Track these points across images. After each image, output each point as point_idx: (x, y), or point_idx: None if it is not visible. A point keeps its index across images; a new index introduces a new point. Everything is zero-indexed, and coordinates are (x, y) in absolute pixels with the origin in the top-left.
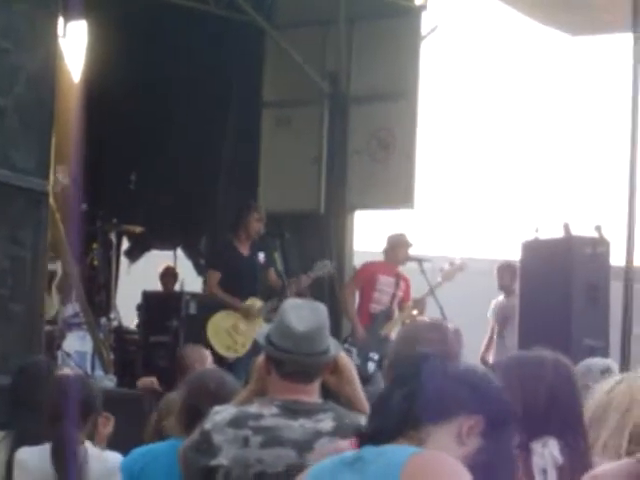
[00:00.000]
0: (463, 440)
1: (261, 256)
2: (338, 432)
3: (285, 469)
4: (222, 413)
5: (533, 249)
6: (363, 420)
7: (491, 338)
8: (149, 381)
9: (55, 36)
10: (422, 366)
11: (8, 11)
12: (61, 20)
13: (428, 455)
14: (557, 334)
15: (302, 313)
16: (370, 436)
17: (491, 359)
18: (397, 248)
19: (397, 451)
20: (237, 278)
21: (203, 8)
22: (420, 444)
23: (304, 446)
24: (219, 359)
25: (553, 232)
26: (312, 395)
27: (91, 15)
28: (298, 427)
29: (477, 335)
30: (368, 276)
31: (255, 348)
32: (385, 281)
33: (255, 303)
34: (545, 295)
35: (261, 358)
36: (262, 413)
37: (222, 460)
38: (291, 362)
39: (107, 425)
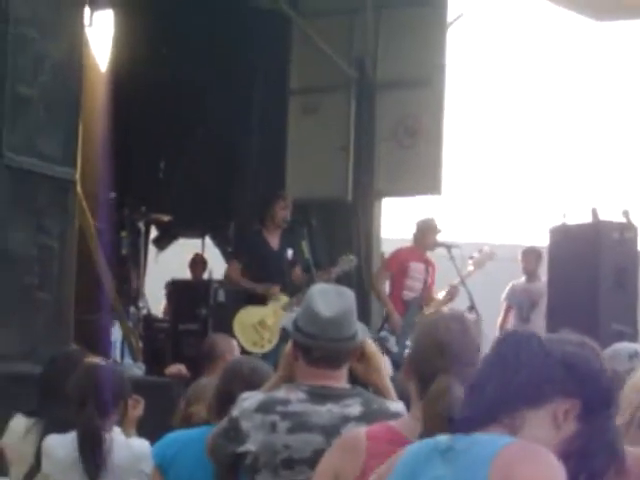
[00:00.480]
0: (559, 424)
1: (289, 252)
2: (366, 417)
3: (312, 454)
4: (250, 399)
5: (561, 234)
6: (392, 406)
7: (507, 320)
8: (177, 368)
9: (81, 25)
10: (520, 347)
11: (34, 0)
12: (87, 9)
13: (520, 447)
14: (585, 319)
15: (329, 298)
16: (462, 423)
17: None
18: (427, 233)
19: (489, 441)
20: (264, 270)
21: None
22: (514, 431)
23: (331, 431)
24: (246, 355)
25: (581, 217)
26: (340, 381)
27: (117, 4)
28: (325, 412)
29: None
30: (399, 263)
31: (284, 337)
32: (416, 268)
33: (281, 298)
34: (573, 280)
35: (289, 344)
36: (289, 398)
37: (250, 446)
38: (318, 348)
39: (137, 407)
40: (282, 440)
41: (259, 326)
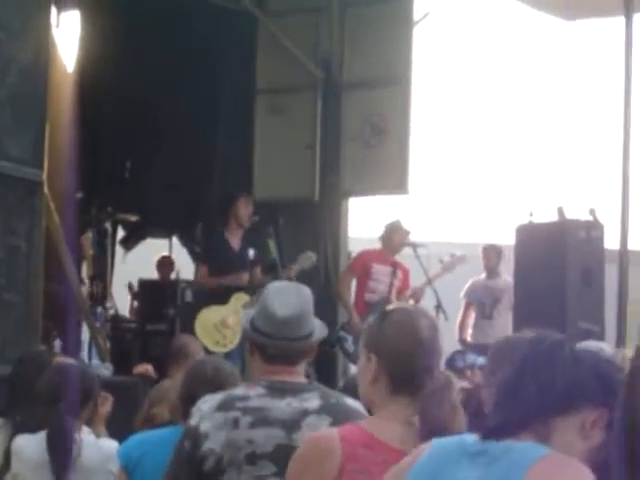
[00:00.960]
0: (587, 434)
1: (251, 252)
2: (325, 410)
3: (274, 449)
4: (209, 401)
5: (527, 233)
6: (349, 401)
7: (467, 318)
8: (144, 368)
9: (48, 26)
10: (554, 355)
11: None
12: (54, 10)
13: (556, 461)
14: (552, 317)
15: (284, 297)
16: (494, 429)
17: (469, 339)
18: (392, 234)
19: (525, 450)
20: (226, 270)
21: None
22: (544, 440)
23: (291, 425)
24: (208, 353)
25: (547, 216)
26: (296, 376)
27: (84, 5)
28: (285, 406)
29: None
30: (363, 265)
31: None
32: (380, 270)
33: (241, 297)
34: (540, 279)
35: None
36: (249, 395)
37: (211, 446)
38: (273, 347)
39: (105, 404)
40: (245, 435)
41: (220, 325)
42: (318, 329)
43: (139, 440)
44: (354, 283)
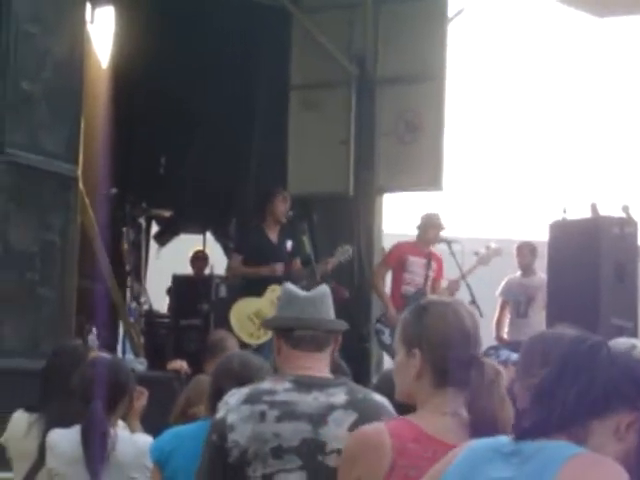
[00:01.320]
0: (621, 436)
1: (289, 244)
2: (351, 405)
3: (300, 443)
4: (236, 395)
5: (561, 229)
6: (376, 397)
7: (504, 316)
8: (179, 365)
9: (82, 21)
10: (592, 357)
11: None
12: (89, 6)
13: (589, 459)
14: (585, 314)
15: (302, 290)
16: (530, 429)
17: (506, 337)
18: (428, 228)
19: (558, 448)
20: (264, 262)
21: None
22: (580, 441)
23: (318, 419)
24: (243, 346)
25: (581, 212)
26: (323, 364)
27: (118, 1)
28: (312, 400)
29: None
30: (398, 257)
31: None
32: (416, 262)
33: (277, 289)
34: (573, 275)
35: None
36: (275, 389)
37: (236, 438)
38: (299, 327)
39: (140, 398)
40: (272, 428)
41: (255, 317)
42: (339, 324)
43: (171, 434)
44: (389, 276)
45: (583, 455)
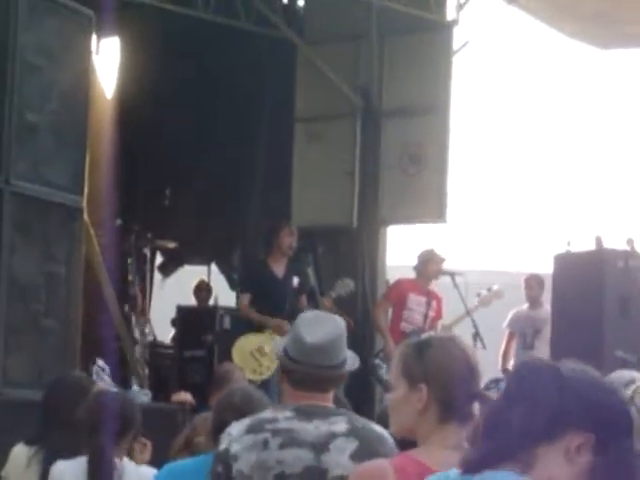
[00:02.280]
0: (571, 459)
1: (295, 281)
2: (352, 433)
3: (303, 470)
4: (237, 425)
5: (565, 262)
6: (375, 426)
7: (510, 348)
8: (183, 396)
9: (88, 53)
10: (535, 383)
11: (41, 27)
12: (94, 37)
13: None
14: (589, 347)
15: (315, 326)
16: (475, 462)
17: (511, 369)
18: (427, 264)
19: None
20: (270, 299)
21: (235, 24)
22: (528, 467)
23: (320, 447)
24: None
25: (585, 245)
26: (325, 402)
27: (124, 32)
28: (313, 429)
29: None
30: (399, 294)
31: None
32: (416, 300)
33: (283, 325)
34: (577, 308)
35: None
36: (277, 417)
37: (240, 468)
38: (300, 372)
39: (144, 452)
40: (275, 456)
41: (257, 353)
42: (350, 360)
43: (170, 470)
44: (390, 311)
45: None
